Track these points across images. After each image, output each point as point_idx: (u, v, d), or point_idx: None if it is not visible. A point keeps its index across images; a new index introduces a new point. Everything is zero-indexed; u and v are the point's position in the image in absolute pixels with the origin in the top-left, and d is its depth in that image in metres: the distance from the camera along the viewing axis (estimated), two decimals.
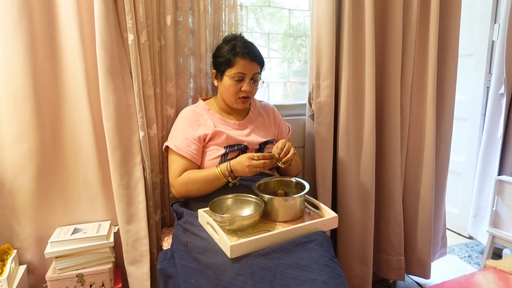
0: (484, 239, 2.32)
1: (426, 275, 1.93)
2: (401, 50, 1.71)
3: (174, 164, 1.37)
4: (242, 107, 1.45)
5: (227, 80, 1.38)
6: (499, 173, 2.22)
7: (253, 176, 1.29)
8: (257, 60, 1.38)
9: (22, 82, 1.28)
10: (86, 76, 1.36)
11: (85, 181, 1.44)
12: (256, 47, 1.41)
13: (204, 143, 1.39)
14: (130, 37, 1.33)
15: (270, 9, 1.94)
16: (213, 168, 1.32)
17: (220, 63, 1.39)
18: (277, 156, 1.28)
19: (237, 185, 1.32)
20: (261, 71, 1.44)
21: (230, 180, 1.30)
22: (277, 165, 1.30)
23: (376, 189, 1.81)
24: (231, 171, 1.28)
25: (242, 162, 1.25)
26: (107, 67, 1.32)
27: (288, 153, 1.29)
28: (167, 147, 1.41)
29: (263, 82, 1.48)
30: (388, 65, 1.73)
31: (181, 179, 1.34)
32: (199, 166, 1.40)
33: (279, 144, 1.30)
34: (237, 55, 1.35)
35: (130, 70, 1.39)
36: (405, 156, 1.86)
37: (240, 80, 1.37)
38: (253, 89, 1.41)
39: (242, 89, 1.37)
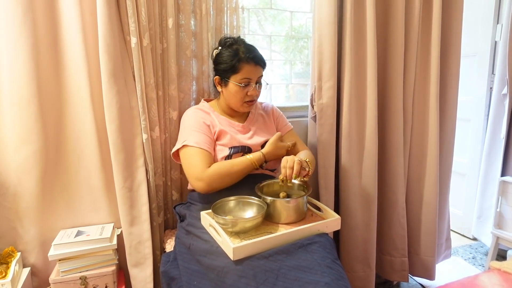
0: (488, 241, 2.31)
1: (431, 277, 1.93)
2: (403, 51, 1.71)
3: (196, 158, 1.30)
4: (248, 110, 1.46)
5: (233, 86, 1.37)
6: (503, 174, 2.21)
7: (256, 178, 1.30)
8: (260, 63, 1.38)
9: (26, 85, 1.28)
10: (89, 78, 1.37)
11: (88, 183, 1.44)
12: (257, 50, 1.41)
13: (214, 140, 1.39)
14: (133, 40, 1.34)
15: (272, 11, 1.95)
16: (244, 158, 1.32)
17: (225, 70, 1.37)
18: (281, 180, 1.24)
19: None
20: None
21: (262, 166, 1.39)
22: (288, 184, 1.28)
23: (379, 191, 1.81)
24: (265, 160, 1.36)
25: (279, 152, 1.38)
26: (110, 70, 1.32)
27: (293, 167, 1.21)
28: (178, 149, 1.35)
29: (267, 84, 1.47)
30: (390, 66, 1.73)
31: (212, 171, 1.28)
32: None
33: (282, 163, 1.24)
34: (241, 61, 1.34)
35: (133, 73, 1.40)
36: (408, 157, 1.86)
37: (246, 85, 1.37)
38: (259, 92, 1.42)
39: (249, 93, 1.37)
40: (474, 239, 2.56)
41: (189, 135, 1.34)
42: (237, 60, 1.34)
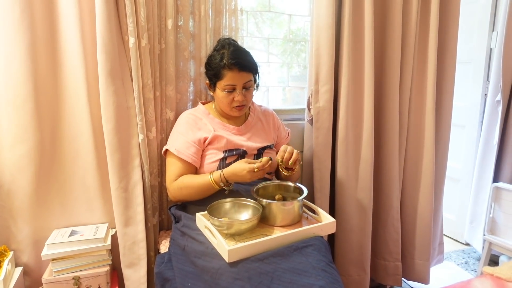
0: (480, 246, 2.33)
1: (425, 281, 1.94)
2: (400, 56, 1.72)
3: (172, 168, 1.37)
4: (239, 115, 1.44)
5: (219, 92, 1.37)
6: (495, 180, 2.23)
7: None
8: (245, 69, 1.34)
9: (22, 83, 1.28)
10: (86, 78, 1.36)
11: (83, 183, 1.44)
12: (246, 54, 1.38)
13: (204, 146, 1.39)
14: (131, 40, 1.34)
15: (270, 14, 1.96)
16: (207, 175, 1.31)
17: (211, 75, 1.38)
18: (281, 160, 1.27)
19: (232, 189, 1.32)
20: (256, 76, 1.43)
21: (225, 188, 1.30)
22: (282, 171, 1.30)
23: (373, 195, 1.81)
24: (226, 181, 1.28)
25: (241, 175, 1.22)
26: (107, 70, 1.32)
27: (293, 154, 1.28)
28: (166, 150, 1.41)
29: (257, 86, 1.46)
30: (387, 71, 1.74)
31: (176, 183, 1.34)
32: (198, 169, 1.40)
33: (282, 148, 1.30)
34: (224, 67, 1.32)
35: (130, 73, 1.40)
36: (403, 162, 1.87)
37: (231, 91, 1.35)
38: (247, 97, 1.39)
39: (235, 99, 1.36)
40: (467, 244, 2.58)
41: (174, 140, 1.39)
42: (221, 66, 1.33)
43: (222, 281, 1.01)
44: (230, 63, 1.31)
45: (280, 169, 1.38)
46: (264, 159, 1.23)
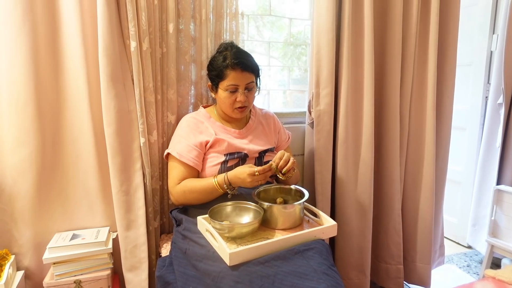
0: (482, 249, 2.32)
1: (426, 284, 1.93)
2: (401, 59, 1.73)
3: (174, 171, 1.37)
4: (241, 117, 1.45)
5: (222, 92, 1.38)
6: (498, 183, 2.23)
7: None
8: (248, 69, 1.36)
9: (24, 86, 1.28)
10: (88, 81, 1.37)
11: (84, 186, 1.44)
12: (248, 56, 1.40)
13: (205, 149, 1.39)
14: (133, 44, 1.34)
15: (271, 18, 1.96)
16: (210, 178, 1.31)
17: (213, 76, 1.39)
18: (276, 167, 1.27)
19: (235, 194, 1.32)
20: (257, 78, 1.44)
21: (228, 192, 1.30)
22: (278, 176, 1.30)
23: (375, 198, 1.81)
24: (230, 183, 1.28)
25: (242, 177, 1.24)
26: (109, 73, 1.33)
27: (288, 162, 1.28)
28: (168, 154, 1.41)
29: (259, 89, 1.47)
30: (388, 74, 1.75)
31: (179, 187, 1.34)
32: (199, 172, 1.40)
33: (278, 154, 1.30)
34: (227, 67, 1.34)
35: (131, 76, 1.40)
36: (404, 165, 1.87)
37: (234, 91, 1.37)
38: (249, 98, 1.40)
39: (237, 99, 1.37)
40: (469, 247, 2.57)
41: (176, 144, 1.40)
42: (223, 66, 1.35)
43: (224, 285, 1.01)
44: (233, 63, 1.33)
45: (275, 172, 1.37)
46: (266, 165, 1.24)
